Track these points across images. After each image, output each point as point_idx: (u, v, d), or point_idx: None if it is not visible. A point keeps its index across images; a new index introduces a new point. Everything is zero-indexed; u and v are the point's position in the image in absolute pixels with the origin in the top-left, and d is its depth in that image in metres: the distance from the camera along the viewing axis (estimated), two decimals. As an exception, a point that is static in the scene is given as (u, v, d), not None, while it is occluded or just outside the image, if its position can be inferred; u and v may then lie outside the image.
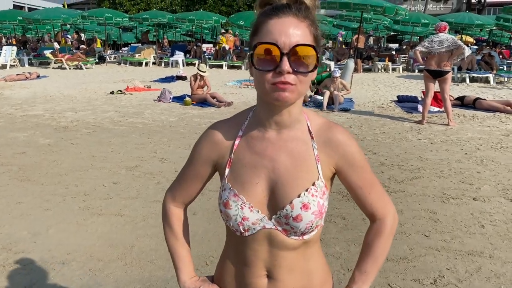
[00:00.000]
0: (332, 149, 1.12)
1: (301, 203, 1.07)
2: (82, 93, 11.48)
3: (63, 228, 3.63)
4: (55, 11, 21.39)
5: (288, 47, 0.97)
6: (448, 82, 7.56)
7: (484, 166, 5.37)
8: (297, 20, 1.00)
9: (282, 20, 0.99)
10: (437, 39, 7.41)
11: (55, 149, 5.98)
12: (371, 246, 1.20)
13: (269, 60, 0.98)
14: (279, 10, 1.00)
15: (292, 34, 0.98)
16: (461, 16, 19.17)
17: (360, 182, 1.15)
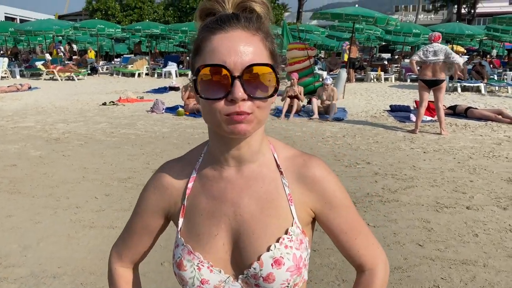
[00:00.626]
0: (307, 187, 0.92)
1: (272, 259, 0.87)
2: (74, 105, 11.43)
3: (54, 241, 3.57)
4: (47, 22, 21.38)
5: (240, 68, 0.79)
6: (443, 91, 7.62)
7: (476, 174, 5.39)
8: (248, 33, 0.82)
9: (229, 35, 0.81)
10: (431, 49, 7.46)
11: (47, 161, 5.92)
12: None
13: (218, 85, 0.80)
14: (225, 22, 0.83)
15: (243, 52, 0.80)
16: (451, 26, 19.44)
17: (344, 226, 0.95)
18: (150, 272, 3.10)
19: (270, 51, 0.86)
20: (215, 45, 0.81)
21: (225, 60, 0.79)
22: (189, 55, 0.94)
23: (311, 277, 3.03)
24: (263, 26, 0.86)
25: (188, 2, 42.43)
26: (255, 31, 0.84)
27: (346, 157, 6.16)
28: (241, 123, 0.81)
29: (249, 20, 0.84)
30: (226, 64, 0.79)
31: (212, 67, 0.80)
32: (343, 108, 10.53)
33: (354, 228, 0.96)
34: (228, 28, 0.82)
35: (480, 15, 43.24)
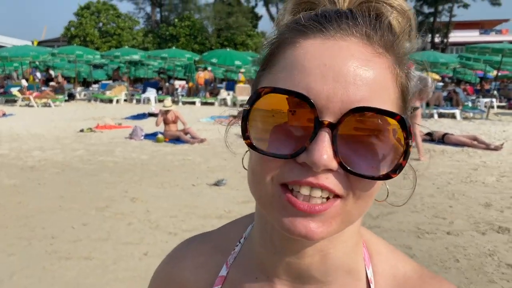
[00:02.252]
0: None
1: None
2: (51, 131, 11.21)
3: (29, 274, 3.43)
4: (24, 48, 21.21)
5: (339, 108, 0.45)
6: (418, 117, 7.78)
7: (455, 200, 5.46)
8: (371, 49, 0.48)
9: (333, 43, 0.48)
10: None
11: (21, 190, 5.74)
12: None
13: (288, 132, 0.48)
14: (330, 20, 0.49)
15: (354, 79, 0.46)
16: (426, 55, 20.03)
17: None
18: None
19: (402, 91, 0.51)
20: (303, 57, 0.47)
21: (313, 87, 0.45)
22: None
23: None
24: (399, 44, 0.51)
25: (167, 29, 42.78)
26: (384, 49, 0.49)
27: (327, 183, 6.18)
28: (312, 219, 0.47)
29: (376, 27, 0.49)
30: (313, 95, 0.45)
31: (286, 95, 0.46)
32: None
33: None
34: (334, 32, 0.48)
35: (452, 44, 44.93)
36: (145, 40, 44.11)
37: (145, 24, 50.73)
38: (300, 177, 0.46)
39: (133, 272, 3.47)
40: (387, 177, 0.48)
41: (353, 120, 0.45)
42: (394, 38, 0.51)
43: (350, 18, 0.48)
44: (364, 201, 0.50)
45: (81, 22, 43.00)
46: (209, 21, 44.58)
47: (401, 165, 0.47)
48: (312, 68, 0.46)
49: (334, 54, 0.46)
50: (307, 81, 0.45)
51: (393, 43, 0.50)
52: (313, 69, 0.46)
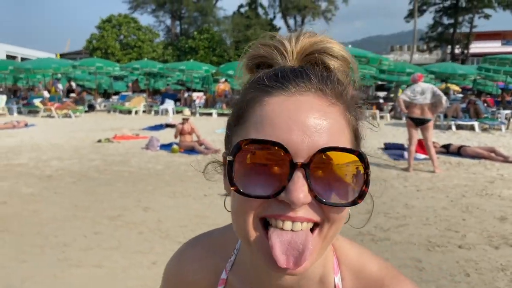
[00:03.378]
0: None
1: None
2: (70, 142, 11.45)
3: (39, 281, 3.50)
4: (46, 61, 21.81)
5: (306, 152, 0.53)
6: (430, 129, 7.71)
7: (469, 213, 5.36)
8: (324, 101, 0.56)
9: (295, 99, 0.56)
10: (419, 89, 7.63)
11: (38, 199, 5.88)
12: None
13: (268, 176, 0.54)
14: (289, 80, 0.57)
15: (315, 128, 0.54)
16: (444, 66, 19.90)
17: None
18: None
19: (354, 132, 0.60)
20: (271, 113, 0.55)
21: (283, 138, 0.53)
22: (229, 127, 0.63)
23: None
24: (346, 92, 0.59)
25: (186, 42, 43.40)
26: (335, 99, 0.57)
27: (339, 195, 6.15)
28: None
29: (327, 81, 0.57)
30: (287, 144, 0.52)
31: (263, 144, 0.53)
32: (337, 145, 10.59)
33: None
34: (294, 89, 0.56)
35: (473, 55, 44.32)
36: (165, 53, 44.82)
37: (165, 36, 51.62)
38: (280, 212, 0.53)
39: (141, 281, 3.51)
40: (354, 203, 0.55)
41: (321, 159, 0.53)
42: (342, 88, 0.59)
43: (305, 76, 0.57)
44: (336, 225, 0.58)
45: (103, 35, 44.00)
46: (228, 33, 45.11)
47: (365, 192, 0.55)
48: (280, 122, 0.54)
49: (296, 108, 0.54)
50: (277, 134, 0.53)
51: (342, 93, 0.58)
52: (281, 123, 0.54)
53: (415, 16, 42.79)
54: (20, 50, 65.99)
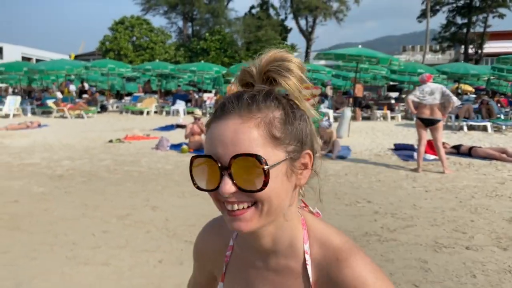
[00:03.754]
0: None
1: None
2: (81, 142, 11.61)
3: (48, 278, 3.57)
4: (60, 62, 22.10)
5: (227, 159, 0.74)
6: (440, 130, 7.64)
7: (478, 214, 5.32)
8: (242, 118, 0.75)
9: (222, 122, 0.77)
10: (428, 89, 7.58)
11: (48, 198, 5.98)
12: None
13: (211, 176, 0.78)
14: (224, 107, 0.79)
15: (232, 142, 0.74)
16: (456, 66, 19.68)
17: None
18: None
19: (271, 135, 0.75)
20: (209, 135, 0.78)
21: (214, 152, 0.76)
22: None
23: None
24: (270, 105, 0.77)
25: (198, 43, 43.61)
26: (254, 113, 0.75)
27: (347, 196, 6.14)
28: (238, 221, 0.77)
29: (252, 99, 0.76)
30: (215, 156, 0.75)
31: (205, 157, 0.77)
32: (347, 146, 10.56)
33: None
34: (223, 115, 0.77)
35: (487, 55, 43.72)
36: (177, 54, 45.09)
37: (177, 38, 51.95)
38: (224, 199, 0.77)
39: (146, 279, 3.56)
40: (261, 189, 0.74)
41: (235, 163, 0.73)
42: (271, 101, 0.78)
43: (235, 101, 0.78)
44: (268, 203, 0.76)
45: (116, 37, 44.44)
46: (239, 34, 45.22)
47: (266, 181, 0.73)
48: (212, 141, 0.77)
49: (220, 130, 0.76)
50: (211, 149, 0.77)
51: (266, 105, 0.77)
52: (212, 141, 0.77)
53: (428, 16, 42.41)
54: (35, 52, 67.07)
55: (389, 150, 10.26)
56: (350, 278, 0.77)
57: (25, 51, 65.29)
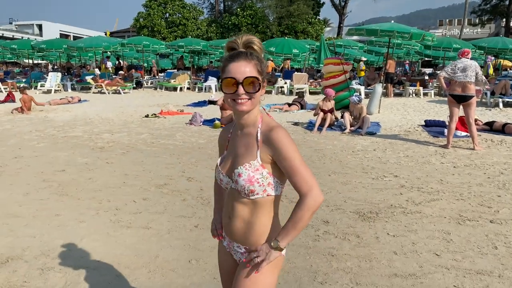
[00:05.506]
0: (269, 143, 1.64)
1: (237, 172, 1.67)
2: (119, 116, 12.10)
3: (95, 238, 3.95)
4: (97, 39, 22.63)
5: (241, 79, 1.60)
6: (473, 107, 7.58)
7: (505, 190, 5.37)
8: (246, 61, 1.62)
9: (236, 62, 1.62)
10: (460, 65, 7.48)
11: (92, 168, 6.41)
12: (294, 213, 1.62)
13: (231, 87, 1.62)
14: (235, 56, 1.63)
15: (244, 70, 1.60)
16: (494, 41, 18.99)
17: (287, 169, 1.61)
18: (179, 268, 3.39)
19: (258, 70, 1.65)
20: (229, 67, 1.63)
21: (234, 76, 1.61)
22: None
23: (326, 279, 3.23)
24: (255, 56, 1.65)
25: (230, 19, 43.49)
26: (250, 60, 1.63)
27: (374, 170, 6.29)
28: (243, 105, 1.63)
29: (247, 54, 1.64)
30: (234, 77, 1.61)
31: (229, 78, 1.62)
32: (377, 122, 10.59)
33: (293, 171, 1.60)
34: (235, 60, 1.63)
35: (530, 28, 41.64)
36: (209, 30, 45.14)
37: (208, 14, 51.88)
38: (237, 97, 1.63)
39: (183, 241, 3.88)
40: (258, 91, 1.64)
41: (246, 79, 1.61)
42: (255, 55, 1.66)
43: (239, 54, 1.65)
44: (255, 99, 1.65)
45: (149, 13, 44.84)
46: (271, 9, 44.70)
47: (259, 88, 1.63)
48: (231, 70, 1.63)
49: (235, 65, 1.63)
50: (231, 74, 1.63)
51: (254, 57, 1.65)
52: (232, 70, 1.63)
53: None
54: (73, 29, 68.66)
55: (419, 127, 10.24)
56: (274, 137, 1.61)
57: (63, 28, 66.97)
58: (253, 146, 1.66)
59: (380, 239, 3.93)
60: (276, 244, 1.65)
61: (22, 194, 5.20)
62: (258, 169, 1.64)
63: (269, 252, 1.67)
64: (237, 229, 1.75)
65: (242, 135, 1.71)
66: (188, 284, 3.17)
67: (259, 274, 1.70)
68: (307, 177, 1.60)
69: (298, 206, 1.61)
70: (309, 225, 4.24)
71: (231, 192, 1.74)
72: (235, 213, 1.73)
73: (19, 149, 7.70)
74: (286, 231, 1.64)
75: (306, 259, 3.55)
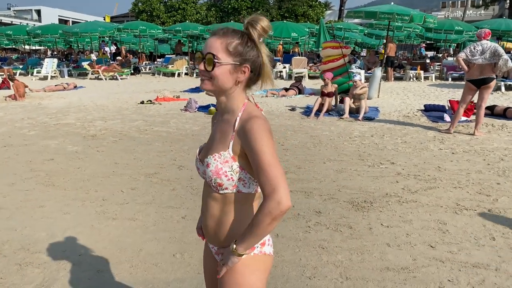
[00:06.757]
0: (241, 134, 1.45)
1: (206, 162, 1.52)
2: (114, 103, 11.92)
3: (79, 231, 3.82)
4: (93, 24, 22.35)
5: (204, 54, 1.48)
6: (490, 90, 7.26)
7: (505, 177, 5.22)
8: (217, 37, 1.47)
9: (210, 38, 1.50)
10: (479, 47, 7.09)
11: (81, 156, 6.27)
12: (254, 217, 1.41)
13: (198, 63, 1.52)
14: (212, 32, 1.50)
15: (209, 46, 1.47)
16: (497, 23, 18.63)
17: (254, 164, 1.40)
18: (163, 262, 3.26)
19: (227, 49, 1.45)
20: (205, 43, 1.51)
21: (203, 50, 1.50)
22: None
23: (315, 274, 3.10)
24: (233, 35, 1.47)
25: (229, 2, 42.90)
26: (223, 37, 1.47)
27: (371, 157, 6.13)
28: (203, 83, 1.51)
29: (224, 32, 1.48)
30: (202, 51, 1.50)
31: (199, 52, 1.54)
32: (376, 107, 10.40)
33: (259, 169, 1.37)
34: (211, 35, 1.50)
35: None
36: (208, 14, 44.59)
37: (208, -3, 51.14)
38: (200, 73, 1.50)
39: (169, 233, 3.75)
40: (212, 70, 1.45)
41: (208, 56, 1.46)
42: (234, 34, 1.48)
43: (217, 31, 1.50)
44: (215, 80, 1.47)
45: (148, -3, 44.22)
46: (271, -8, 44.02)
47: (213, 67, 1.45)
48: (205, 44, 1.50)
49: (208, 41, 1.49)
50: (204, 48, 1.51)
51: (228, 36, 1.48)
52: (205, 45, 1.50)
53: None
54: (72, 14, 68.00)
55: (418, 111, 10.04)
56: (248, 127, 1.42)
57: (62, 13, 66.33)
58: (228, 135, 1.49)
59: (373, 230, 3.79)
60: (232, 248, 1.46)
61: (8, 184, 5.06)
62: (227, 161, 1.47)
63: (228, 256, 1.50)
64: (208, 227, 1.61)
65: (221, 121, 1.55)
66: (171, 279, 3.04)
67: (234, 278, 1.52)
68: (272, 176, 1.34)
69: (258, 210, 1.39)
70: (300, 215, 4.10)
71: (205, 184, 1.62)
72: (207, 208, 1.59)
73: (9, 137, 7.56)
74: (243, 236, 1.44)
75: (295, 252, 3.41)
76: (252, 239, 1.42)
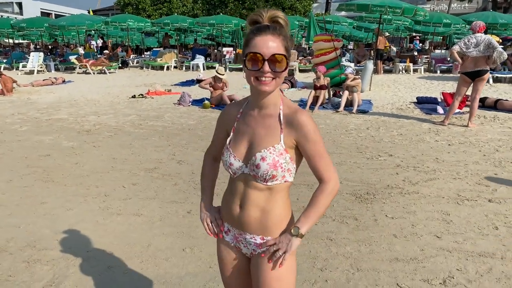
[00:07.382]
0: (293, 127, 1.54)
1: (261, 156, 1.54)
2: (105, 97, 11.78)
3: (84, 227, 3.78)
4: (80, 17, 21.97)
5: (268, 55, 1.44)
6: (484, 82, 7.35)
7: (502, 168, 5.31)
8: (273, 36, 1.46)
9: (262, 36, 1.45)
10: (473, 40, 7.16)
11: (78, 152, 6.19)
12: (315, 199, 1.58)
13: (256, 63, 1.46)
14: (261, 30, 1.46)
15: (270, 46, 1.45)
16: (484, 16, 18.80)
17: (312, 152, 1.54)
18: (173, 257, 3.25)
19: (285, 47, 1.49)
20: (256, 42, 1.45)
21: (260, 50, 1.44)
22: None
23: (326, 265, 3.12)
24: (283, 31, 1.49)
25: (216, -5, 42.52)
26: (278, 35, 1.47)
27: (369, 149, 6.17)
28: (266, 86, 1.48)
29: (274, 29, 1.47)
30: (260, 52, 1.44)
31: (254, 53, 1.45)
32: (368, 100, 10.46)
33: (318, 156, 1.55)
34: (261, 34, 1.46)
35: (517, 3, 41.45)
36: (195, 7, 44.17)
37: (194, -10, 50.65)
38: (261, 74, 1.47)
39: (176, 228, 3.73)
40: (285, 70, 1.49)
41: (272, 56, 1.45)
42: (281, 30, 1.48)
43: (266, 28, 1.47)
44: (280, 79, 1.50)
45: (133, -10, 43.60)
46: (258, -15, 43.76)
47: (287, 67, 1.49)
48: (257, 44, 1.46)
49: (261, 40, 1.46)
50: (256, 49, 1.46)
51: (281, 32, 1.48)
52: (258, 44, 1.46)
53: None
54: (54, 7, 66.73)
55: (411, 104, 10.13)
56: (301, 119, 1.51)
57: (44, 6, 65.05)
58: (276, 128, 1.55)
59: (379, 222, 3.83)
60: (297, 232, 1.57)
61: (5, 181, 4.98)
62: (282, 154, 1.54)
63: (290, 241, 1.58)
64: (252, 218, 1.62)
65: (261, 116, 1.58)
66: (183, 274, 3.03)
67: (282, 268, 1.61)
68: (330, 162, 1.58)
69: (320, 192, 1.57)
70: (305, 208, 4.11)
71: (242, 178, 1.61)
72: (249, 201, 1.60)
73: (1, 133, 7.43)
74: (308, 217, 1.58)
75: (304, 244, 3.43)
76: (315, 219, 1.59)
